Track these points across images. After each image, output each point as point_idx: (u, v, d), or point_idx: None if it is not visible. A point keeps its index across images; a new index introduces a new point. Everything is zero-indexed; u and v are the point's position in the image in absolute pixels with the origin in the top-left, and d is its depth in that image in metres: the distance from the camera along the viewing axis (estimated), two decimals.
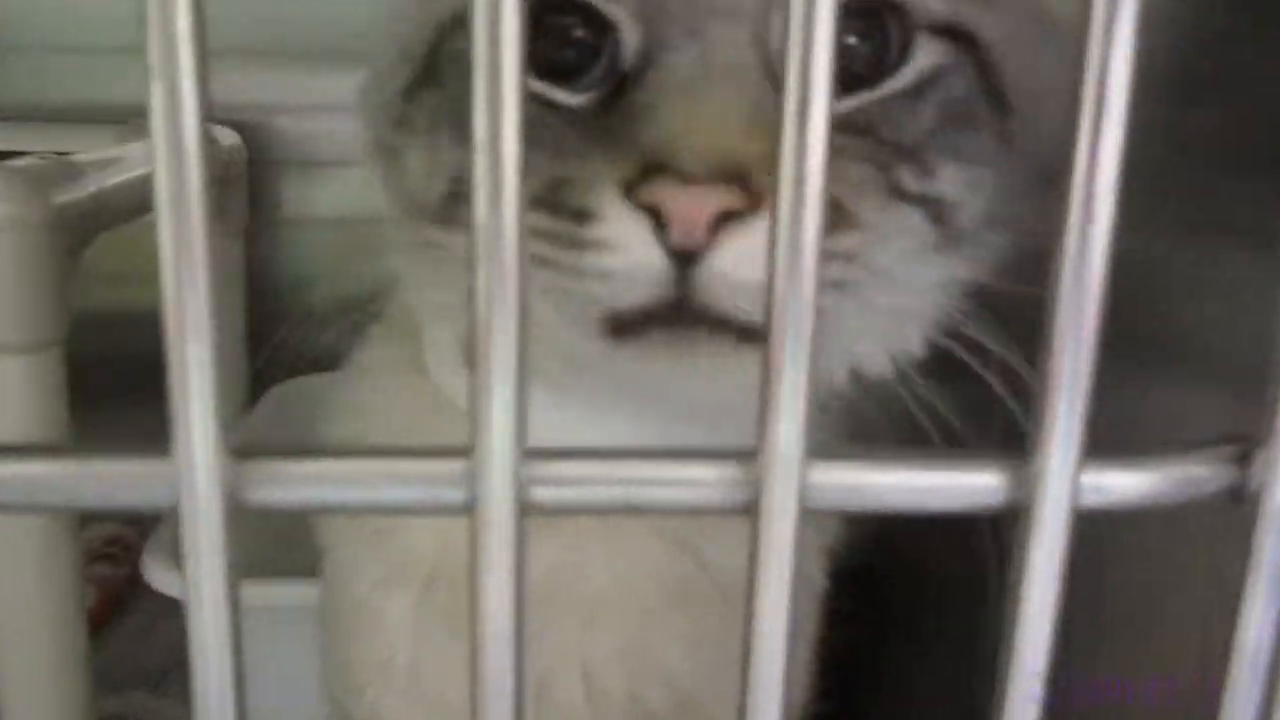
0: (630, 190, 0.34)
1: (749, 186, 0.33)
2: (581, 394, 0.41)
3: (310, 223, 1.14)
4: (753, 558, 0.18)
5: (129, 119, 0.96)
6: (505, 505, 0.18)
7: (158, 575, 0.70)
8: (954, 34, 0.39)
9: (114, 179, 0.70)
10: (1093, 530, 0.20)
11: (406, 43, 0.44)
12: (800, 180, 0.17)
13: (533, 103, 0.40)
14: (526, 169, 0.39)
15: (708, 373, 0.37)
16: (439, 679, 0.48)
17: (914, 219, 0.38)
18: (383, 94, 0.45)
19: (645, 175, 0.33)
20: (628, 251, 0.34)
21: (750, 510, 0.18)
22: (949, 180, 0.38)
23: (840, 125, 0.38)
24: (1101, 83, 0.17)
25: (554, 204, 0.35)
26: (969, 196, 0.39)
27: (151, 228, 0.18)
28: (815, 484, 0.18)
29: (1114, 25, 0.17)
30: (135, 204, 0.71)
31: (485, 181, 0.16)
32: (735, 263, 0.33)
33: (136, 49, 0.17)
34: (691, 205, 0.33)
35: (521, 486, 0.18)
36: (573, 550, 0.45)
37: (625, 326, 0.36)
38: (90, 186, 0.67)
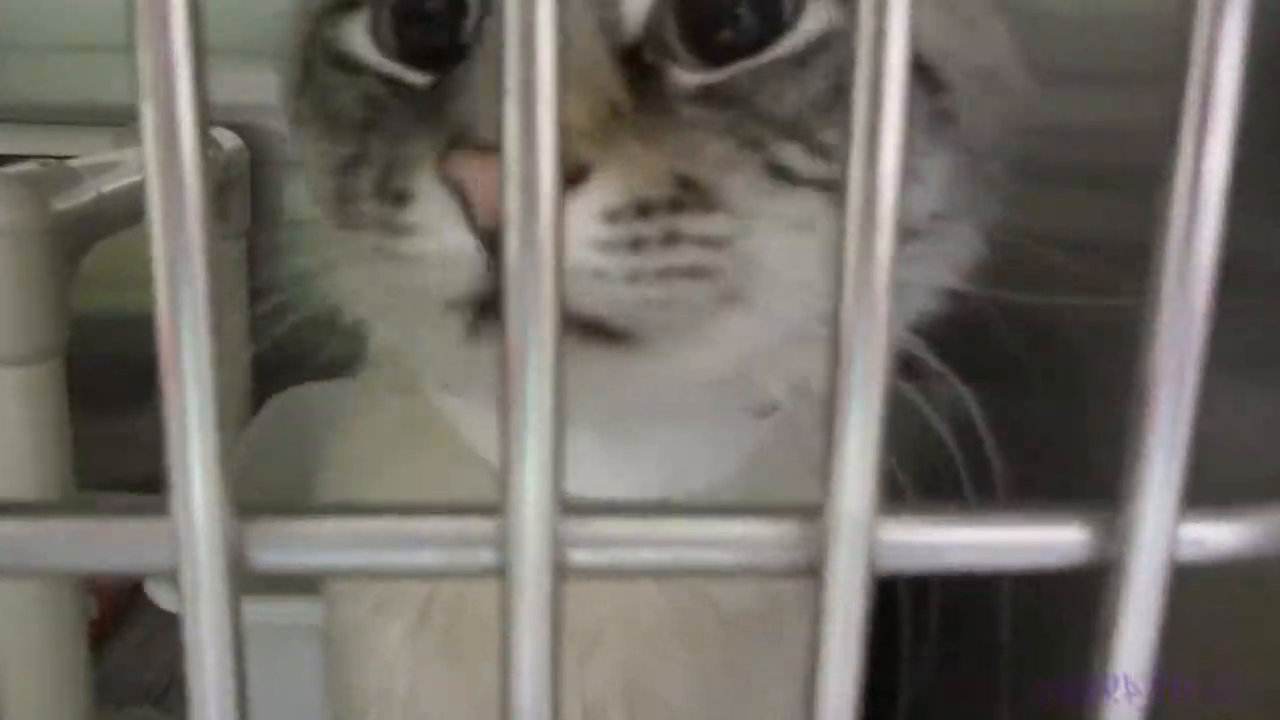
0: (440, 168, 0.31)
1: (564, 156, 0.30)
2: (482, 397, 0.38)
3: (313, 224, 1.12)
4: (816, 624, 0.16)
5: (128, 121, 0.94)
6: (541, 568, 0.16)
7: (162, 593, 0.69)
8: None
9: (113, 184, 0.68)
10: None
11: (294, 36, 0.43)
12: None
13: (384, 86, 0.37)
14: (368, 155, 0.37)
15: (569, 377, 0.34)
16: (438, 706, 0.46)
17: (811, 206, 0.34)
18: (283, 92, 0.44)
19: (450, 149, 0.31)
20: (439, 235, 0.31)
21: (814, 573, 0.16)
22: None
23: (700, 97, 0.34)
24: (1206, 82, 0.15)
25: (383, 189, 0.33)
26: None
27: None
28: (885, 543, 0.16)
29: (1221, 19, 0.15)
30: (135, 209, 0.69)
31: (515, 219, 0.15)
32: None
33: (119, 48, 0.15)
34: (492, 178, 0.30)
35: (558, 547, 0.16)
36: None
37: (477, 322, 0.32)
38: (89, 192, 0.65)
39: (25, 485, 0.62)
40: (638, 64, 0.34)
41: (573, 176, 0.30)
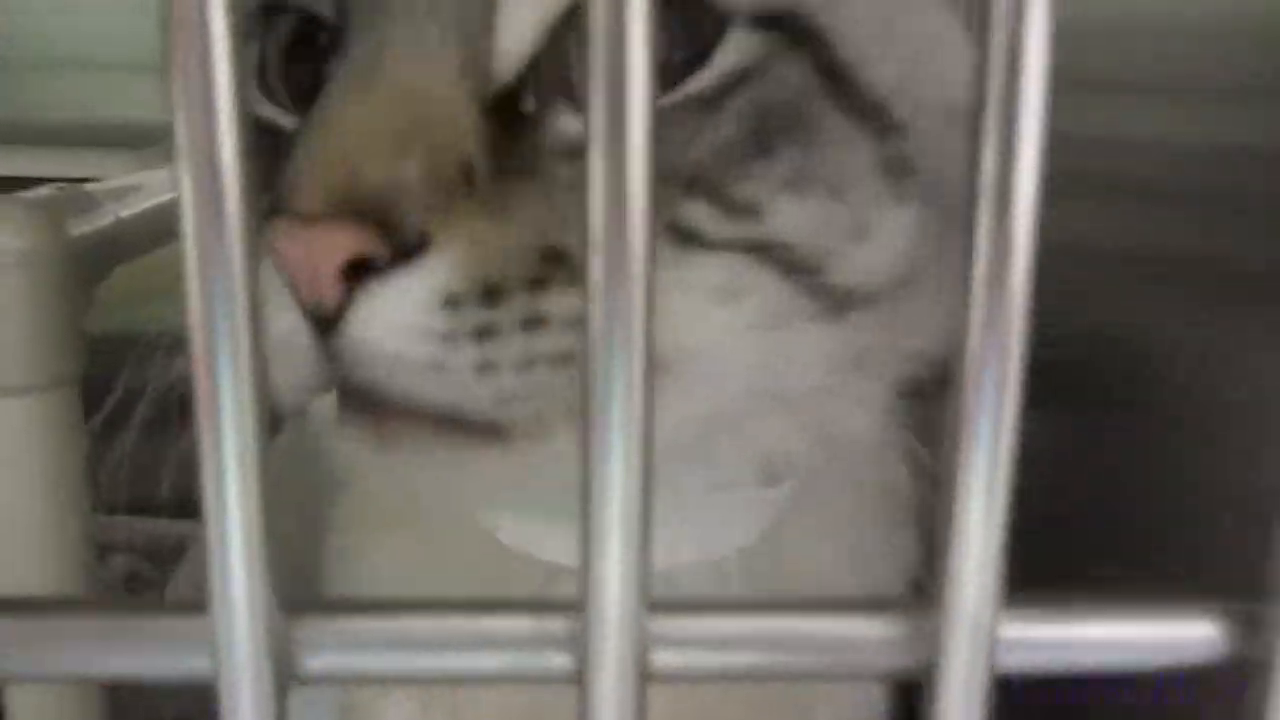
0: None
1: (392, 227, 0.25)
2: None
3: None
4: None
5: (142, 139, 0.93)
6: (624, 672, 0.14)
7: None
8: (781, 24, 0.28)
9: (132, 208, 0.67)
10: None
11: None
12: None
13: (264, 136, 0.31)
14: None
15: (442, 470, 0.29)
16: None
17: (733, 270, 0.28)
18: None
19: (272, 215, 0.26)
20: (275, 316, 0.26)
21: (928, 673, 0.15)
22: (789, 219, 0.29)
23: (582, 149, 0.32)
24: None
25: None
26: (844, 243, 0.29)
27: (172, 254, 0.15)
28: (1006, 641, 0.15)
29: None
30: (154, 234, 0.68)
31: (598, 291, 0.13)
32: (383, 328, 0.25)
33: (143, 66, 0.14)
34: (307, 252, 0.25)
35: (643, 648, 0.14)
36: None
37: (341, 413, 0.28)
38: (107, 217, 0.64)
39: (41, 514, 0.61)
40: (509, 111, 0.28)
41: (401, 251, 0.25)
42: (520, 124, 0.28)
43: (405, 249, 0.25)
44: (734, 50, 0.28)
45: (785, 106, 0.28)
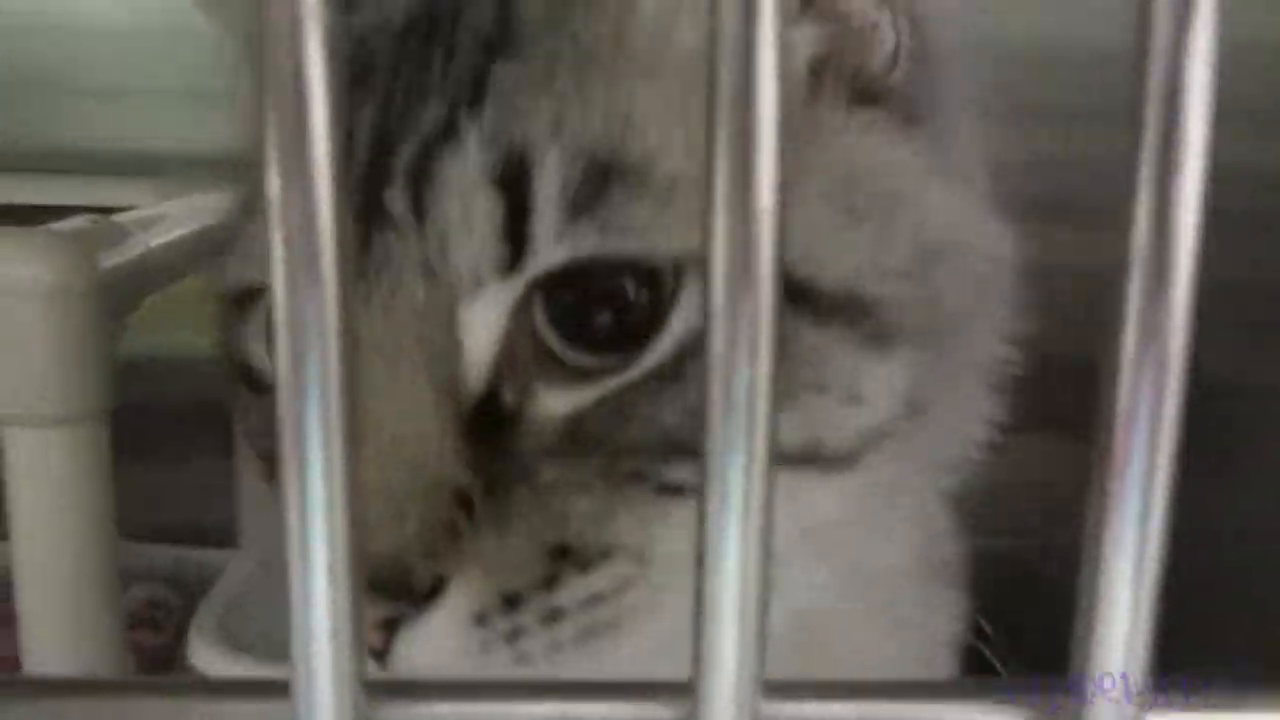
0: None
1: (408, 587, 0.27)
2: None
3: None
4: None
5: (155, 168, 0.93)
6: None
7: (202, 654, 0.67)
8: None
9: (161, 238, 0.66)
10: None
11: (213, 319, 0.38)
12: None
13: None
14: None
15: None
16: None
17: None
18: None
19: None
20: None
21: None
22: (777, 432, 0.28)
23: (565, 439, 0.27)
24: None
25: None
26: (834, 421, 0.30)
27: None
28: None
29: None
30: (182, 264, 0.68)
31: (719, 363, 0.12)
32: (424, 656, 0.28)
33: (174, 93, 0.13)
34: None
35: None
36: None
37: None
38: (137, 248, 0.63)
39: (69, 545, 0.60)
40: (488, 414, 0.29)
41: (423, 597, 0.27)
42: (500, 424, 0.29)
43: (426, 593, 0.27)
44: (687, 306, 0.28)
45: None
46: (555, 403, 0.28)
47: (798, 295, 0.28)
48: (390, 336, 0.28)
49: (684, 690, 0.13)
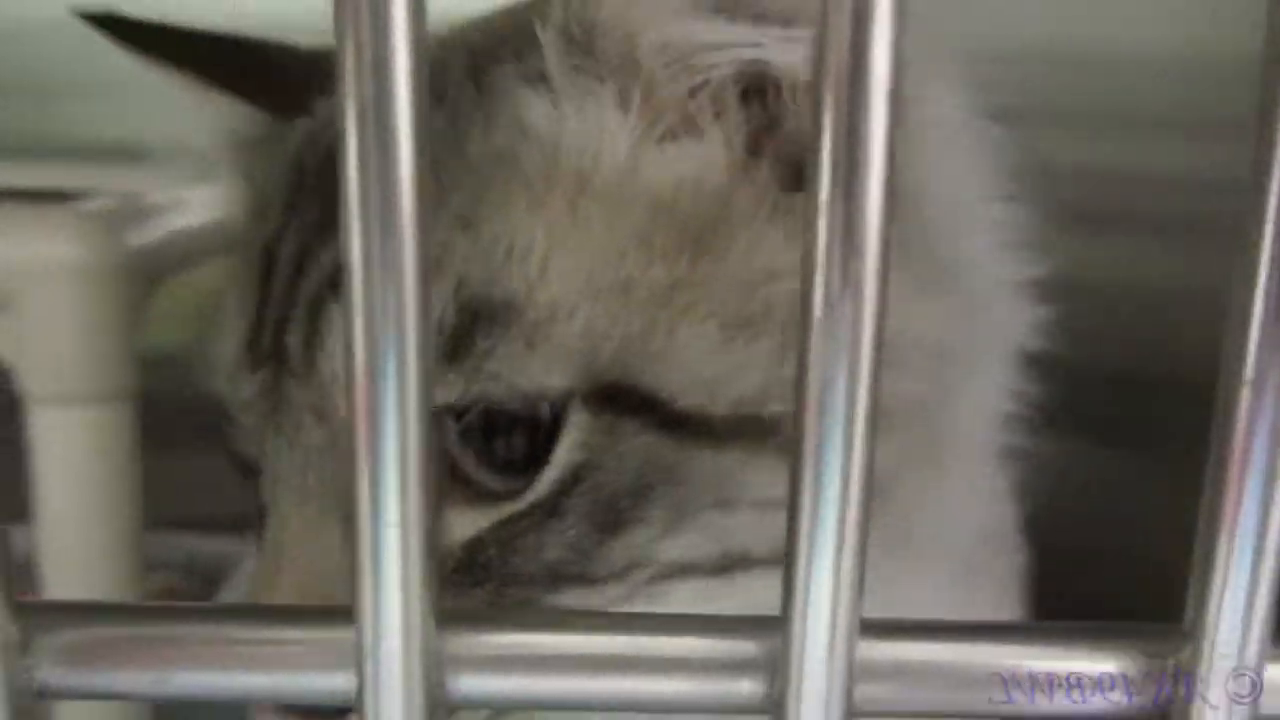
0: None
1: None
2: None
3: None
4: None
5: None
6: (830, 701, 0.12)
7: None
8: (613, 401, 0.27)
9: (185, 221, 0.66)
10: None
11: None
12: None
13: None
14: None
15: None
16: None
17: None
18: None
19: None
20: None
21: (1170, 718, 0.13)
22: (680, 550, 0.27)
23: (458, 565, 0.26)
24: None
25: None
26: (751, 540, 0.28)
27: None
28: (1271, 685, 0.13)
29: None
30: (206, 247, 0.67)
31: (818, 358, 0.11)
32: None
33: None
34: None
35: (849, 676, 0.12)
36: None
37: None
38: (162, 228, 0.63)
39: (94, 527, 0.60)
40: None
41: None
42: None
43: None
44: (571, 438, 0.27)
45: (635, 484, 0.27)
46: (458, 527, 0.27)
47: (681, 424, 0.27)
48: (298, 474, 0.28)
49: (774, 625, 0.12)
